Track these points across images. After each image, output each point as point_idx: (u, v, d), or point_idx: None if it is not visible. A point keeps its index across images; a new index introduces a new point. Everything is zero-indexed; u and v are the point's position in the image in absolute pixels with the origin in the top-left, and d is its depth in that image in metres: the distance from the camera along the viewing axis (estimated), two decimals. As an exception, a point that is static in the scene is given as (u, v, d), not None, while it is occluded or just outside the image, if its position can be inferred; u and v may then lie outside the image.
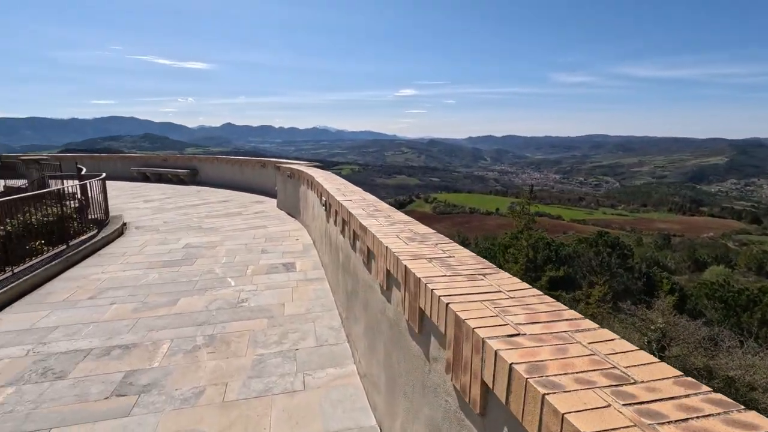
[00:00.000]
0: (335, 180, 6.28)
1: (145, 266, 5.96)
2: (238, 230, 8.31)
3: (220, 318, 4.17)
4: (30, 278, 5.08)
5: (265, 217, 9.77)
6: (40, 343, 3.68)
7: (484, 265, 1.90)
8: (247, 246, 7.03)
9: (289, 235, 7.85)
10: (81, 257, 6.34)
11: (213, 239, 7.54)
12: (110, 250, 6.90)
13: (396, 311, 2.14)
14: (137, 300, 4.67)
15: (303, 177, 8.28)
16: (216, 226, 8.76)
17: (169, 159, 19.39)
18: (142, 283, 5.26)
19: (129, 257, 6.45)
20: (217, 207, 11.25)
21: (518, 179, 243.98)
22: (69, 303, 4.62)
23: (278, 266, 5.89)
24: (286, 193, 10.35)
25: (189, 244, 7.18)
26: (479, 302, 1.44)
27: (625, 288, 31.03)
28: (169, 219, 9.58)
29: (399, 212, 3.34)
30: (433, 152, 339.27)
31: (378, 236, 2.46)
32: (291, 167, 9.66)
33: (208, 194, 13.84)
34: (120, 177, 19.27)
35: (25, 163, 15.07)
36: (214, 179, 16.78)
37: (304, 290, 4.94)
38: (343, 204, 3.77)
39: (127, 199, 12.94)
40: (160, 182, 17.83)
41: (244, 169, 15.40)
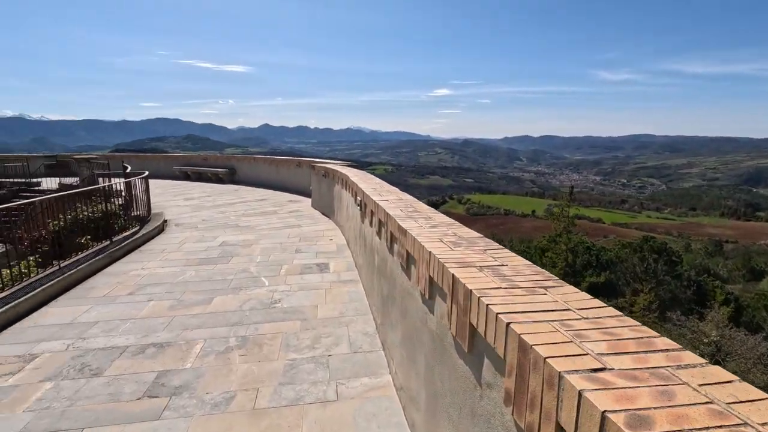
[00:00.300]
0: (370, 179, 6.13)
1: (183, 263, 6.03)
2: (274, 229, 8.33)
3: (253, 318, 4.10)
4: (75, 273, 5.23)
5: (300, 216, 9.77)
6: (79, 338, 3.72)
7: (544, 276, 1.66)
8: (282, 245, 7.00)
9: (323, 234, 7.78)
10: (123, 253, 6.50)
11: (249, 237, 7.58)
12: (151, 247, 7.06)
13: (440, 324, 1.94)
14: (173, 297, 4.69)
15: (337, 176, 8.20)
16: (252, 224, 8.82)
17: (209, 158, 19.96)
18: (179, 280, 5.30)
19: (168, 254, 6.56)
20: (253, 205, 11.39)
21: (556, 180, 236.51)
22: (109, 299, 4.70)
23: (312, 266, 5.80)
24: (320, 192, 10.33)
25: (225, 242, 7.24)
26: (546, 323, 1.22)
27: (672, 297, 29.26)
28: (208, 217, 9.76)
29: (439, 214, 3.12)
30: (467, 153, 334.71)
31: (419, 240, 2.26)
32: (325, 167, 9.61)
33: (245, 193, 14.09)
34: (163, 176, 20.03)
35: (77, 162, 15.92)
36: (251, 178, 17.10)
37: (337, 292, 4.81)
38: (379, 204, 3.59)
39: (169, 197, 13.36)
40: (200, 181, 18.37)
41: (280, 168, 15.58)
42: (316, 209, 10.61)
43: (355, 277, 5.33)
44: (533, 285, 1.56)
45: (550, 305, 1.35)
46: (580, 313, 1.30)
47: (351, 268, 5.69)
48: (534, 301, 1.39)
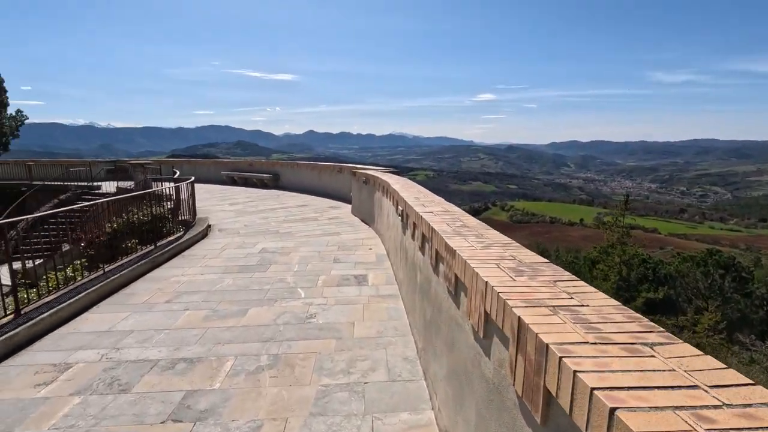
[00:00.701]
0: (412, 187, 5.81)
1: (222, 270, 5.97)
2: (313, 236, 8.20)
3: (286, 334, 3.88)
4: (118, 278, 5.28)
5: (340, 223, 9.61)
6: (114, 348, 3.66)
7: (642, 324, 1.27)
8: (320, 254, 6.82)
9: (362, 243, 7.54)
10: (166, 258, 6.56)
11: (288, 245, 7.47)
12: (193, 252, 7.11)
13: (498, 373, 1.58)
14: (209, 307, 4.58)
15: (378, 183, 7.95)
16: (292, 230, 8.75)
17: (254, 164, 20.45)
18: (216, 288, 5.21)
19: (209, 260, 6.56)
20: (294, 211, 11.39)
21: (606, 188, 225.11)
22: (147, 306, 4.67)
23: (350, 278, 5.55)
24: (360, 199, 10.13)
25: (265, 249, 7.16)
26: (670, 411, 0.85)
27: (741, 316, 26.64)
28: (250, 222, 9.82)
29: (492, 230, 2.75)
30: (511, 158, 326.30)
31: (472, 264, 1.91)
32: (366, 173, 9.40)
33: (287, 198, 14.19)
34: (212, 180, 20.73)
35: (133, 167, 16.77)
36: (293, 184, 17.27)
37: (376, 308, 4.51)
38: (423, 216, 3.26)
39: (216, 201, 13.69)
40: (246, 186, 18.81)
41: (322, 174, 15.61)
42: (356, 216, 10.42)
43: (394, 291, 5.02)
44: (632, 339, 1.17)
45: (668, 377, 0.97)
46: (712, 390, 0.92)
47: (390, 282, 5.38)
48: (641, 368, 1.01)
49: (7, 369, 3.36)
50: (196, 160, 25.02)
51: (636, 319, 1.31)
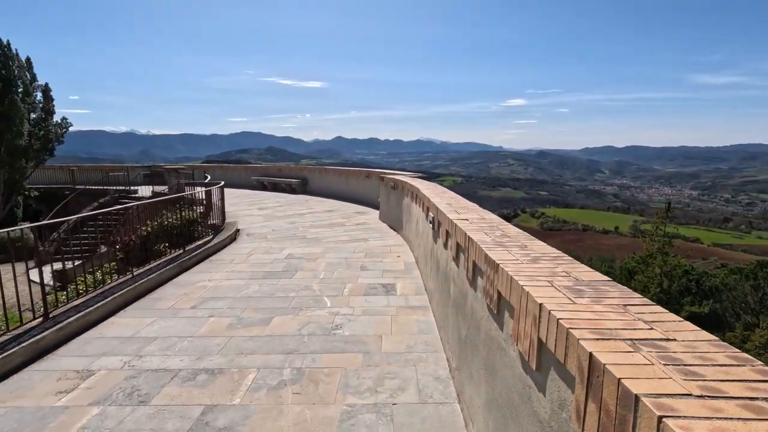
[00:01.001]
0: (444, 193, 5.56)
1: (248, 276, 5.88)
2: (340, 242, 8.05)
3: (311, 346, 3.70)
4: (145, 282, 5.27)
5: (367, 229, 9.43)
6: (136, 356, 3.58)
7: (758, 370, 0.99)
8: (347, 261, 6.65)
9: (390, 251, 7.32)
10: (194, 262, 6.55)
11: (314, 251, 7.35)
12: (221, 257, 7.09)
13: (557, 416, 1.32)
14: (234, 315, 4.47)
15: (406, 189, 7.73)
16: (319, 236, 8.64)
17: (283, 169, 20.66)
18: (241, 295, 5.11)
19: (235, 265, 6.50)
20: (321, 217, 11.32)
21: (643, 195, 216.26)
22: (172, 311, 4.60)
23: (377, 287, 5.33)
24: (388, 204, 9.93)
25: (291, 255, 7.06)
26: None
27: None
28: (277, 227, 9.79)
29: (537, 240, 2.47)
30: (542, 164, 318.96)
31: (519, 281, 1.66)
32: (394, 178, 9.20)
33: (315, 203, 14.18)
34: (243, 185, 21.08)
35: (167, 172, 17.24)
36: (321, 189, 17.29)
37: (404, 320, 4.27)
38: (457, 224, 3.02)
39: (245, 206, 13.82)
40: (275, 191, 19.00)
41: (350, 179, 15.54)
42: (383, 222, 10.23)
43: (424, 303, 4.76)
44: (749, 392, 0.89)
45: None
46: None
47: (420, 292, 5.12)
48: None
49: (32, 374, 3.32)
50: (228, 165, 25.59)
51: (745, 362, 1.03)
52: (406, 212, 7.95)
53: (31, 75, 17.14)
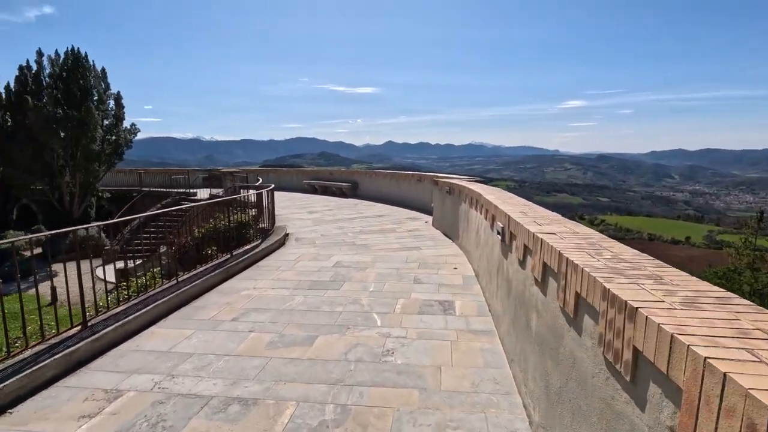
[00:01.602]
0: (512, 199, 4.86)
1: (294, 285, 5.51)
2: (391, 250, 7.53)
3: (358, 376, 3.19)
4: (190, 289, 5.04)
5: (419, 236, 8.85)
6: (169, 375, 3.24)
7: None
8: (399, 272, 6.10)
9: (445, 261, 6.69)
10: (240, 268, 6.31)
11: (364, 259, 6.88)
12: (267, 263, 6.81)
13: None
14: (275, 330, 4.07)
15: (464, 194, 7.07)
16: (368, 243, 8.18)
17: (334, 173, 20.61)
18: (285, 307, 4.73)
19: (282, 272, 6.18)
20: (372, 222, 10.89)
21: (719, 202, 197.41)
22: (213, 323, 4.29)
23: (433, 304, 4.74)
24: (443, 210, 9.29)
25: (339, 263, 6.64)
26: None
27: None
28: (326, 232, 9.47)
29: (670, 268, 1.79)
30: (603, 169, 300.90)
31: (699, 351, 1.02)
32: (450, 182, 8.56)
33: (364, 208, 13.81)
34: (294, 189, 21.28)
35: (223, 175, 17.72)
36: (371, 193, 16.95)
37: (467, 349, 3.64)
38: (543, 240, 2.37)
39: (295, 209, 13.74)
40: (326, 194, 18.94)
41: (401, 183, 15.04)
42: (437, 229, 9.60)
43: (489, 326, 4.10)
44: None
45: None
46: None
47: (483, 312, 4.46)
48: None
49: (60, 391, 3.08)
50: (281, 168, 26.08)
51: None
52: (463, 219, 7.29)
53: (105, 84, 18.34)
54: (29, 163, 15.69)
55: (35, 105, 15.84)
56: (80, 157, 16.48)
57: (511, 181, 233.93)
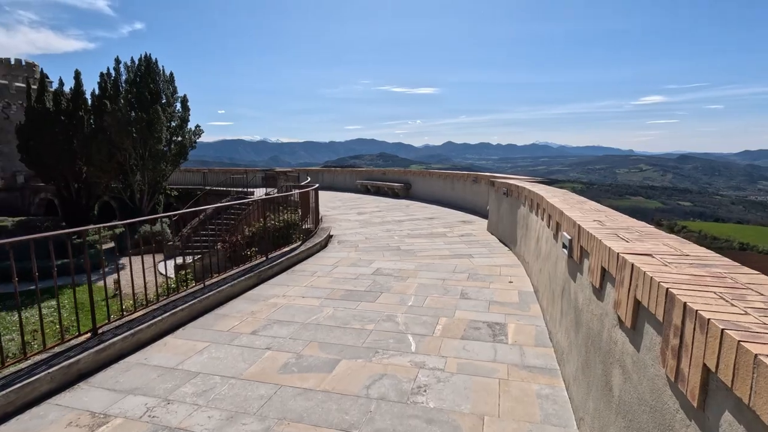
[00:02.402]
0: (582, 204, 3.97)
1: (326, 294, 5.01)
2: (438, 257, 6.82)
3: (378, 421, 2.56)
4: (215, 294, 4.71)
5: (472, 242, 8.03)
6: (165, 400, 2.83)
7: None
8: (444, 283, 5.39)
9: (499, 273, 5.86)
10: (274, 273, 5.94)
11: (407, 266, 6.24)
12: (304, 267, 6.40)
13: None
14: (293, 350, 3.56)
15: (523, 196, 6.19)
16: (415, 248, 7.52)
17: (387, 173, 20.14)
18: (311, 320, 4.22)
19: (317, 279, 5.72)
20: (421, 225, 10.21)
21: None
22: (230, 336, 3.89)
23: (481, 326, 3.99)
24: (499, 214, 8.38)
25: (380, 270, 6.06)
26: None
27: None
28: (372, 235, 8.95)
29: None
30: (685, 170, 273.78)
31: None
32: (508, 182, 7.65)
33: (415, 209, 13.16)
34: (348, 189, 21.13)
35: (277, 175, 17.94)
36: (425, 193, 16.26)
37: (520, 392, 2.88)
38: (638, 266, 1.60)
39: (344, 210, 13.42)
40: (378, 195, 18.53)
41: (455, 184, 14.19)
42: (492, 234, 8.70)
43: (549, 362, 3.28)
44: None
45: None
46: None
47: (543, 342, 3.64)
48: None
49: (49, 409, 2.77)
50: (335, 168, 26.14)
51: None
52: (521, 225, 6.40)
53: (172, 87, 19.33)
54: (105, 163, 16.87)
55: (112, 108, 17.00)
56: (148, 156, 17.43)
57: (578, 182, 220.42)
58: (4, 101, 29.35)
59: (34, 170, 21.26)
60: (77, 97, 20.21)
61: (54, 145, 19.54)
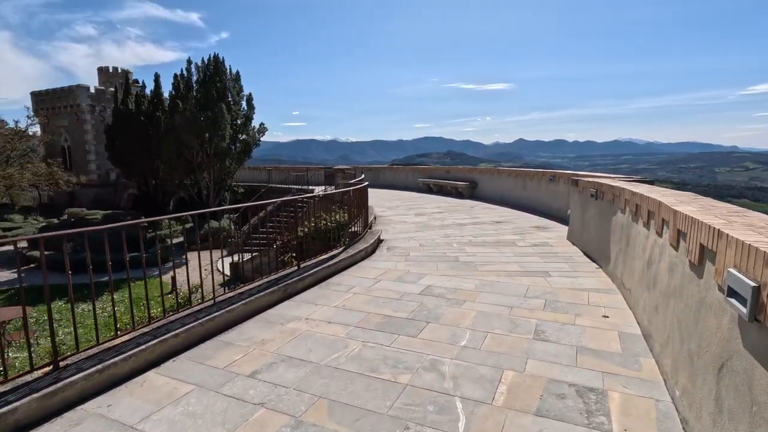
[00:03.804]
0: (737, 215, 2.52)
1: (358, 321, 4.00)
2: (504, 273, 5.52)
3: None
4: (224, 314, 3.90)
5: (548, 254, 6.57)
6: (93, 488, 1.99)
7: None
8: (511, 313, 4.12)
9: (587, 301, 4.44)
10: (305, 286, 5.06)
11: (464, 285, 5.04)
12: (341, 279, 5.46)
13: None
14: (292, 411, 2.58)
15: (622, 199, 4.69)
16: (476, 260, 6.27)
17: (451, 170, 18.79)
18: (330, 360, 3.22)
19: (352, 296, 4.74)
20: (486, 230, 8.85)
21: None
22: (223, 377, 3.01)
23: (566, 393, 2.71)
24: (584, 220, 6.81)
25: (430, 289, 4.92)
26: None
27: None
28: (428, 241, 7.81)
29: None
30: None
31: None
32: (598, 182, 6.10)
33: (481, 211, 11.75)
34: (409, 187, 20.10)
35: (335, 173, 17.40)
36: (491, 194, 14.72)
37: None
38: None
39: (402, 210, 12.39)
40: (441, 194, 17.29)
41: (527, 183, 12.53)
42: (573, 245, 7.15)
43: (694, 485, 1.96)
44: None
45: None
46: None
47: None
48: None
49: (-50, 486, 2.05)
50: (397, 166, 25.22)
51: None
52: (618, 237, 4.89)
53: (238, 86, 19.62)
54: (174, 160, 17.46)
55: (183, 108, 17.54)
56: (213, 154, 17.76)
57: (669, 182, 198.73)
58: (101, 105, 32.33)
59: (119, 167, 22.92)
60: (156, 99, 21.34)
61: (134, 144, 20.80)
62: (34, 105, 34.30)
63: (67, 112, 32.79)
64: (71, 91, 32.29)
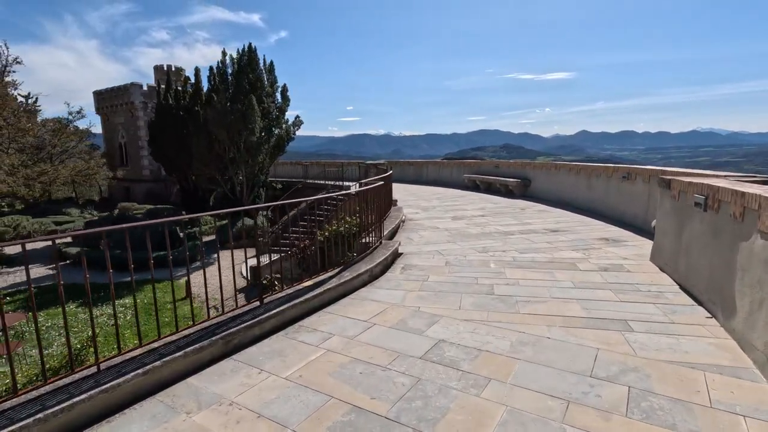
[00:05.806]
0: None
1: (303, 419, 2.46)
2: (559, 322, 3.70)
3: None
4: (187, 357, 2.53)
5: (626, 287, 4.61)
6: None
7: None
8: (567, 419, 2.38)
9: (693, 378, 2.56)
10: (262, 332, 3.58)
11: (494, 345, 3.31)
12: (320, 321, 3.93)
13: None
14: None
15: (764, 217, 2.73)
16: (519, 293, 4.48)
17: (500, 166, 16.66)
18: None
19: (320, 358, 3.21)
20: (537, 242, 6.94)
21: None
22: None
23: None
24: (681, 238, 4.75)
25: (439, 348, 3.27)
26: None
27: None
28: (458, 258, 6.09)
29: None
30: None
31: None
32: (709, 184, 4.06)
33: (532, 215, 9.74)
34: (453, 184, 18.26)
35: (368, 168, 15.97)
36: (547, 193, 12.55)
37: None
38: None
39: (439, 212, 10.66)
40: (488, 192, 15.30)
41: (592, 180, 10.28)
42: (663, 271, 5.11)
43: None
44: None
45: None
46: None
47: None
48: None
49: None
50: (441, 161, 23.32)
51: None
52: (752, 275, 2.94)
53: (272, 78, 18.71)
54: (205, 155, 16.88)
55: (216, 101, 16.90)
56: (244, 148, 16.98)
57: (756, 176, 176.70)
58: (153, 101, 33.29)
59: (160, 162, 23.07)
60: (195, 93, 21.06)
61: (173, 139, 20.67)
62: (96, 103, 36.18)
63: (123, 110, 34.16)
64: (126, 89, 33.55)
